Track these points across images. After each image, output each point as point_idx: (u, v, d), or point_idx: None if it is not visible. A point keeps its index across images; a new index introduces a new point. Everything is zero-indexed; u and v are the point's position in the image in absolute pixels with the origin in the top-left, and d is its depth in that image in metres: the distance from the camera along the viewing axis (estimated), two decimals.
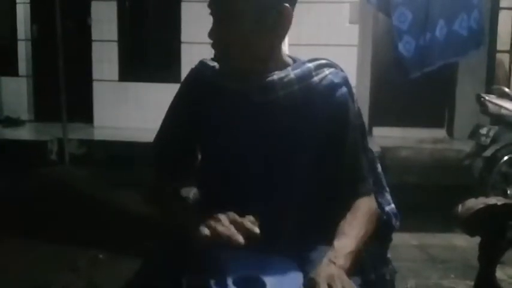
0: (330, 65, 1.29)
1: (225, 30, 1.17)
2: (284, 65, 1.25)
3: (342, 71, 1.30)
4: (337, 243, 1.15)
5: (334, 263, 1.09)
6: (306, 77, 1.22)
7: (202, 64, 1.33)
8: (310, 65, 1.25)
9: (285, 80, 1.21)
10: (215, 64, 1.29)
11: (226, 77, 1.25)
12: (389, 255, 1.42)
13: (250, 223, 1.05)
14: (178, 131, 1.32)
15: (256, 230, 1.04)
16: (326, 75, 1.25)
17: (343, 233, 1.17)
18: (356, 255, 1.14)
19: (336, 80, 1.25)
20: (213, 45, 1.21)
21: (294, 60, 1.29)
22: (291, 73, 1.22)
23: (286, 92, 1.21)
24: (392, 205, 1.43)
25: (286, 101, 1.21)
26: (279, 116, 1.22)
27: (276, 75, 1.21)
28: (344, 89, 1.26)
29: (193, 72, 1.34)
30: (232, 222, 1.05)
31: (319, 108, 1.23)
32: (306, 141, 1.23)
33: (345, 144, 1.26)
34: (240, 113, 1.24)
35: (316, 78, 1.23)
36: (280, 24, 1.19)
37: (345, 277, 1.06)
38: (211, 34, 1.20)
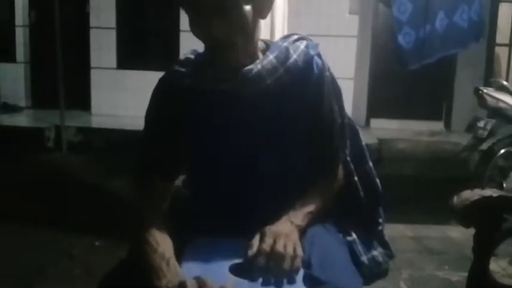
0: (301, 38, 1.27)
1: (229, 19, 1.11)
2: (261, 51, 1.24)
3: (311, 41, 1.28)
4: (299, 203, 1.23)
5: (292, 222, 1.18)
6: (285, 57, 1.21)
7: (173, 72, 1.26)
8: (286, 43, 1.24)
9: (269, 66, 1.18)
10: (185, 69, 1.24)
11: (209, 79, 1.20)
12: (386, 238, 1.42)
13: None
14: (162, 143, 1.27)
15: None
16: (302, 49, 1.23)
17: (307, 194, 1.26)
18: (314, 214, 1.24)
19: (312, 52, 1.24)
20: (214, 40, 1.13)
21: (267, 44, 1.27)
22: (271, 57, 1.20)
23: (274, 78, 1.19)
24: (377, 179, 1.43)
25: (275, 88, 1.19)
26: (270, 103, 1.21)
27: (259, 64, 1.18)
28: (319, 61, 1.26)
29: (167, 81, 1.27)
30: None
31: (300, 84, 1.22)
32: (295, 122, 1.23)
33: (321, 117, 1.26)
34: (232, 110, 1.21)
35: (295, 56, 1.21)
36: (268, 2, 1.19)
37: (293, 236, 1.14)
38: (215, 28, 1.11)
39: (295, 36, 1.27)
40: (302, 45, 1.24)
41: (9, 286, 2.57)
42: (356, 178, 1.37)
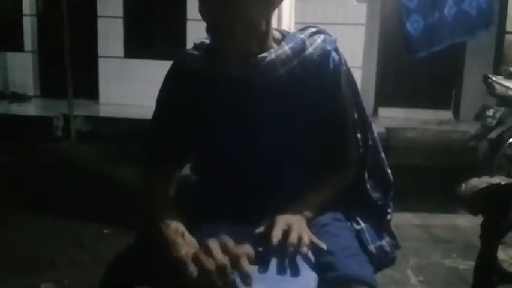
0: (319, 31, 1.27)
1: (228, 6, 1.11)
2: (276, 41, 1.24)
3: (329, 35, 1.28)
4: (308, 194, 1.24)
5: (301, 212, 1.18)
6: (301, 49, 1.20)
7: (187, 55, 1.26)
8: (302, 36, 1.23)
9: (283, 56, 1.18)
10: (199, 53, 1.24)
11: (221, 64, 1.21)
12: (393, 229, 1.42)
13: (245, 253, 1.01)
14: (173, 125, 1.28)
15: (247, 266, 1.00)
16: (318, 43, 1.23)
17: (318, 185, 1.27)
18: (323, 205, 1.25)
19: (329, 47, 1.24)
20: (215, 26, 1.14)
21: (282, 34, 1.27)
22: (286, 48, 1.20)
23: (286, 68, 1.19)
24: (388, 170, 1.43)
25: (287, 78, 1.19)
26: (281, 93, 1.21)
27: (273, 54, 1.18)
28: (336, 56, 1.25)
29: (180, 64, 1.28)
30: (225, 251, 1.01)
31: (315, 78, 1.22)
32: (305, 113, 1.23)
33: (335, 111, 1.26)
34: (242, 97, 1.21)
35: (310, 49, 1.21)
36: None
37: (303, 225, 1.15)
38: (213, 13, 1.12)
39: (313, 29, 1.27)
40: (319, 39, 1.24)
41: (19, 273, 2.60)
42: (366, 174, 1.37)
